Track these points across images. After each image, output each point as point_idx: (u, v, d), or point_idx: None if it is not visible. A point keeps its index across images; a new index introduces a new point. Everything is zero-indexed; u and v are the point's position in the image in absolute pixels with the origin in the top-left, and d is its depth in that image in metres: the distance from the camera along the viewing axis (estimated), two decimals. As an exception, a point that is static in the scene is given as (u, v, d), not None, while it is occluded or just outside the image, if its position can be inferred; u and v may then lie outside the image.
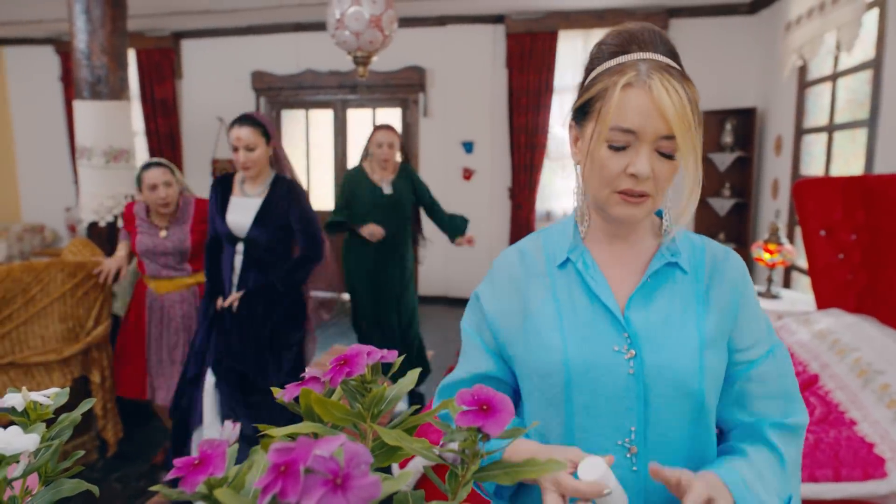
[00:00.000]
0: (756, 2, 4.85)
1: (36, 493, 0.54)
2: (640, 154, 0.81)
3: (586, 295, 0.90)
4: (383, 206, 3.38)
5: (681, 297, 0.89)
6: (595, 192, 0.88)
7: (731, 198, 5.02)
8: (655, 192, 0.84)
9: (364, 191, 3.38)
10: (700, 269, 0.92)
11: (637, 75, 0.80)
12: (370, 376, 0.51)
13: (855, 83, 3.60)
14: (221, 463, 0.41)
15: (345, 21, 2.89)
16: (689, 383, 0.84)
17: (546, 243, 0.97)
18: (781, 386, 0.90)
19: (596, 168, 0.85)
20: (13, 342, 2.73)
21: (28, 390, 0.58)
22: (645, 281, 0.89)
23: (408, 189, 3.47)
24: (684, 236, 0.94)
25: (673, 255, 0.91)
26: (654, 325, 0.87)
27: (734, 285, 0.91)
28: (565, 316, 0.90)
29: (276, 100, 5.91)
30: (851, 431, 1.92)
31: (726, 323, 0.89)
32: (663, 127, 0.79)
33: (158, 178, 2.68)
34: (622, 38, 0.84)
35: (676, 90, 0.79)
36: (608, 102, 0.81)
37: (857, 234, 2.62)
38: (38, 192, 6.55)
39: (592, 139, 0.84)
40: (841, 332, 2.40)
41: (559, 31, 5.31)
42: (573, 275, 0.92)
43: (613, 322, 0.87)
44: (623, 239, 0.93)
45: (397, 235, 3.43)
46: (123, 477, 2.90)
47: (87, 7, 3.06)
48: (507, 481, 0.47)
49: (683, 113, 0.79)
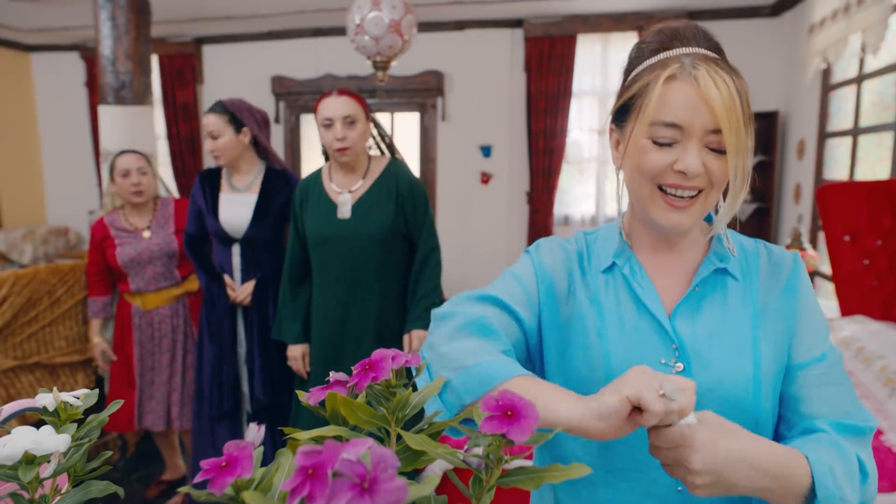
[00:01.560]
0: (778, 4, 4.79)
1: (65, 493, 0.55)
2: (688, 150, 0.76)
3: (633, 302, 0.84)
4: (337, 240, 2.08)
5: (732, 308, 0.82)
6: (637, 194, 0.82)
7: (752, 202, 4.96)
8: (710, 187, 0.78)
9: (315, 207, 2.14)
10: (754, 274, 0.85)
11: (681, 67, 0.76)
12: (395, 381, 0.51)
13: (881, 86, 3.54)
14: (249, 464, 0.41)
15: (364, 26, 2.91)
16: (742, 400, 0.78)
17: (591, 245, 0.91)
18: (840, 387, 0.82)
19: (636, 164, 0.79)
20: (39, 343, 2.79)
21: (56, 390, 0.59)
22: (692, 290, 0.83)
23: (387, 211, 2.07)
24: (735, 240, 0.88)
25: (721, 260, 0.84)
26: (701, 337, 0.81)
27: (790, 286, 0.84)
28: (609, 322, 0.84)
29: (295, 104, 5.96)
30: (878, 441, 1.88)
31: (783, 329, 0.82)
32: (711, 120, 0.74)
33: (132, 164, 2.50)
34: (663, 36, 0.81)
35: (725, 81, 0.74)
36: (649, 96, 0.76)
37: (882, 239, 2.58)
38: (62, 195, 6.67)
39: (632, 135, 0.79)
40: (866, 340, 2.35)
41: (578, 34, 5.29)
42: (619, 280, 0.86)
43: (660, 332, 0.82)
44: (671, 247, 0.87)
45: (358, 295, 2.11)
46: (144, 477, 2.94)
47: (113, 14, 3.12)
48: (532, 486, 0.47)
49: (732, 105, 0.74)
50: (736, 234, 0.89)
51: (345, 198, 2.09)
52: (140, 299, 2.58)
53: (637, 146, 0.78)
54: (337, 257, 2.09)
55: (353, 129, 2.04)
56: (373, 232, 2.05)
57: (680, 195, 0.78)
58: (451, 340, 0.79)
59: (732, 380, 0.78)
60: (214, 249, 2.46)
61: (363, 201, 2.09)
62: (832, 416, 0.79)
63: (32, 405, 0.59)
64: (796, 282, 0.84)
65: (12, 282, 2.62)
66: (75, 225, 6.61)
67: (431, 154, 5.79)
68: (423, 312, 2.10)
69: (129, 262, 2.52)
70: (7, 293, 2.61)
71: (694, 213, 0.79)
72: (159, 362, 2.62)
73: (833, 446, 0.74)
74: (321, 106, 2.07)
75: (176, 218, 2.62)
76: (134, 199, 2.54)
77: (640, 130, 0.78)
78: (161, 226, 2.58)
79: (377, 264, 2.09)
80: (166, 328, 2.61)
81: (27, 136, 6.50)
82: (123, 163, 2.51)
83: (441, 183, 5.82)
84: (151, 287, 2.56)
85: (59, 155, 6.64)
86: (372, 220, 2.06)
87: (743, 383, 0.78)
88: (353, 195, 2.10)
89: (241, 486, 0.41)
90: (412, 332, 2.11)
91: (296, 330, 2.21)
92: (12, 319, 2.66)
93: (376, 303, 2.11)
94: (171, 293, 2.61)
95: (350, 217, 2.06)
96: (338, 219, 2.08)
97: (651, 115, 0.76)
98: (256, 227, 2.31)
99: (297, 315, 2.22)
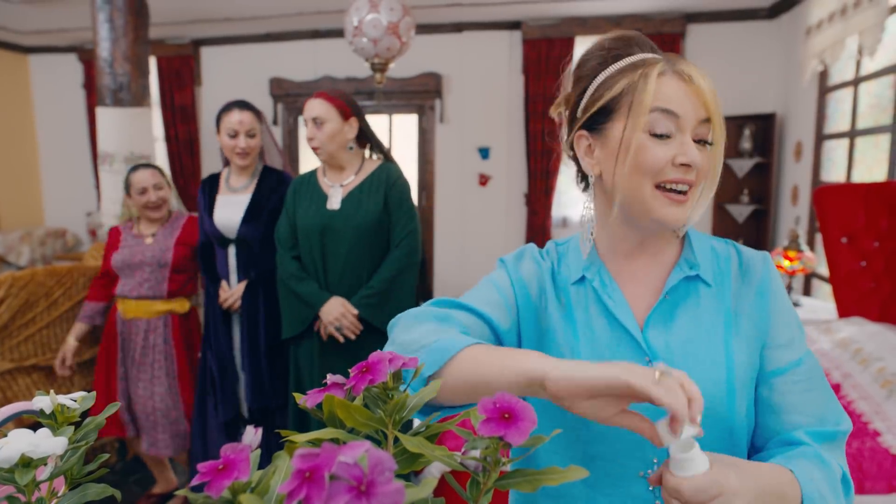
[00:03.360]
0: (776, 6, 4.81)
1: (62, 496, 0.55)
2: (686, 143, 0.77)
3: (604, 315, 0.83)
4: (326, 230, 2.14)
5: (705, 315, 0.81)
6: (635, 195, 0.80)
7: (749, 204, 4.96)
8: (697, 183, 0.79)
9: (307, 198, 2.21)
10: (725, 278, 0.84)
11: (666, 64, 0.78)
12: (392, 383, 0.51)
13: (878, 88, 3.55)
14: (246, 467, 0.41)
15: (363, 28, 2.91)
16: (717, 410, 0.77)
17: (562, 257, 0.91)
18: (818, 392, 0.81)
19: (636, 163, 0.78)
20: (36, 345, 2.78)
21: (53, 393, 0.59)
22: (663, 298, 0.82)
23: (376, 204, 2.13)
24: (706, 243, 0.87)
25: (692, 267, 0.84)
26: (674, 347, 0.80)
27: (761, 290, 0.83)
28: (582, 337, 0.83)
29: (293, 106, 5.96)
30: (875, 443, 1.88)
31: (756, 334, 0.81)
32: (702, 110, 0.77)
33: (148, 181, 2.48)
34: (622, 43, 0.83)
35: (704, 75, 0.78)
36: (643, 90, 0.77)
37: (880, 241, 2.58)
38: (60, 197, 6.66)
39: (626, 131, 0.78)
40: (864, 341, 2.36)
41: (576, 36, 5.30)
42: (590, 292, 0.85)
43: (633, 344, 0.81)
44: (644, 250, 0.86)
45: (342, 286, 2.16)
46: (143, 480, 2.93)
47: (111, 16, 3.12)
48: (529, 489, 0.47)
49: (715, 96, 0.77)
50: (707, 236, 0.88)
51: (336, 190, 2.18)
52: (122, 305, 2.53)
53: (635, 144, 0.78)
54: (326, 246, 2.15)
55: (321, 130, 2.13)
56: (360, 222, 2.12)
57: (680, 189, 0.79)
58: (408, 330, 0.79)
59: (707, 390, 0.76)
60: (217, 253, 2.45)
61: (353, 194, 2.16)
62: (811, 424, 0.79)
63: (29, 408, 0.59)
64: (767, 284, 0.83)
65: (9, 284, 2.62)
66: (73, 227, 6.60)
67: (430, 156, 5.79)
68: (363, 299, 2.11)
69: (121, 264, 2.49)
70: (4, 295, 2.61)
71: (687, 208, 0.80)
72: (133, 374, 2.55)
73: (817, 460, 0.74)
74: (306, 107, 2.20)
75: (183, 230, 2.57)
76: (152, 214, 2.52)
77: (636, 124, 0.77)
78: (165, 236, 2.54)
79: (360, 256, 2.14)
80: (139, 340, 2.52)
81: (25, 137, 6.49)
82: (139, 180, 2.48)
83: (439, 185, 5.82)
84: (134, 293, 2.50)
85: (56, 157, 6.63)
86: (360, 213, 2.12)
87: (717, 393, 0.77)
88: (344, 188, 2.18)
89: (239, 489, 0.41)
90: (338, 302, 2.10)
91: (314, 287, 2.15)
92: (9, 321, 2.65)
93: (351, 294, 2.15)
94: (152, 307, 2.52)
95: (339, 208, 2.14)
96: (327, 209, 2.15)
97: (649, 104, 0.77)
98: (249, 225, 2.31)
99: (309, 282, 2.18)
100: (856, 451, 1.83)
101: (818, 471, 0.73)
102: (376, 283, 2.12)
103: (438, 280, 5.92)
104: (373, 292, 2.12)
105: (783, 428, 0.80)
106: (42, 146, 6.66)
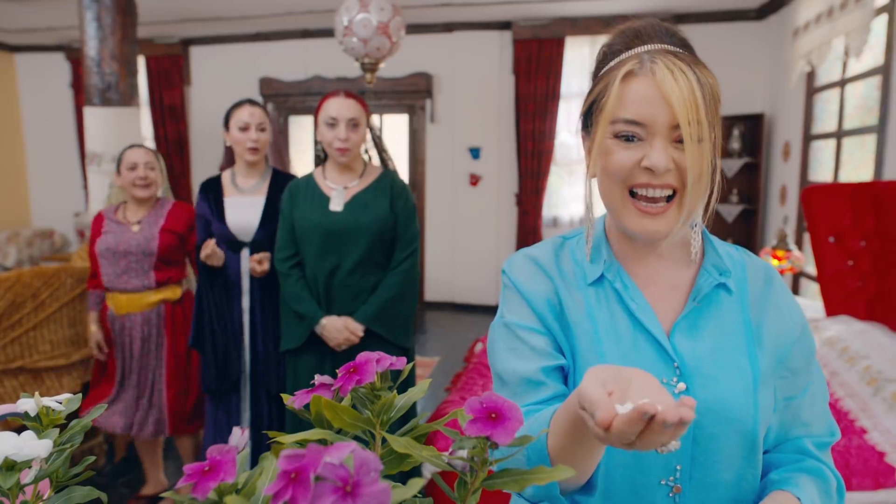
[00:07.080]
0: (764, 7, 4.84)
1: (47, 499, 0.55)
2: (654, 146, 0.73)
3: (627, 318, 0.80)
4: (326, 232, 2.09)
5: (727, 322, 0.80)
6: (609, 201, 0.79)
7: (738, 204, 5.00)
8: (682, 185, 0.74)
9: (306, 200, 2.15)
10: (742, 287, 0.82)
11: (640, 63, 0.74)
12: (380, 384, 0.51)
13: (864, 89, 3.59)
14: (232, 469, 0.41)
15: (353, 28, 2.91)
16: (744, 422, 0.76)
17: (574, 254, 0.87)
18: (823, 403, 0.85)
19: (603, 167, 0.77)
20: (23, 347, 2.75)
21: (38, 395, 0.59)
22: (694, 306, 0.80)
23: (382, 208, 2.11)
24: (723, 249, 0.85)
25: (722, 273, 0.81)
26: (702, 355, 0.78)
27: (789, 315, 0.82)
28: (606, 338, 0.80)
29: (283, 106, 5.94)
30: (862, 440, 1.90)
31: (780, 355, 0.80)
32: (673, 115, 0.72)
33: (139, 158, 2.44)
34: (626, 36, 0.79)
35: (684, 72, 0.71)
36: (608, 95, 0.75)
37: (866, 240, 2.61)
38: (47, 198, 6.61)
39: (596, 139, 0.77)
40: (851, 340, 2.38)
41: (566, 37, 5.32)
42: (610, 293, 0.82)
43: (659, 351, 0.78)
44: (652, 250, 0.83)
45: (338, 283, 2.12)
46: (131, 482, 2.91)
47: (99, 15, 3.09)
48: (516, 488, 0.47)
49: (691, 98, 0.70)
50: (721, 241, 0.86)
51: (339, 192, 2.12)
52: (112, 300, 2.48)
53: (602, 148, 0.77)
54: (327, 246, 2.09)
55: (356, 132, 2.10)
56: (367, 223, 2.07)
57: (652, 196, 0.75)
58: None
59: (734, 399, 0.76)
60: (227, 257, 2.36)
61: (358, 198, 2.11)
62: (817, 434, 0.84)
63: (14, 410, 0.59)
64: (785, 302, 0.84)
65: (-5, 285, 2.59)
66: (60, 227, 6.54)
67: (420, 156, 5.79)
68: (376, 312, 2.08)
69: (104, 252, 2.43)
70: (-10, 297, 2.58)
71: (670, 219, 0.76)
72: (130, 367, 2.53)
73: (820, 479, 0.80)
74: (327, 104, 2.10)
75: (168, 217, 2.52)
76: (139, 192, 2.45)
77: (603, 130, 0.76)
78: (151, 224, 2.48)
79: (363, 256, 2.09)
80: (136, 334, 2.49)
81: (11, 137, 6.42)
82: (131, 156, 2.46)
83: (430, 185, 5.82)
84: (120, 285, 2.44)
85: (44, 157, 6.57)
86: (367, 214, 2.08)
87: (744, 402, 0.76)
88: (347, 192, 2.12)
89: (225, 490, 0.41)
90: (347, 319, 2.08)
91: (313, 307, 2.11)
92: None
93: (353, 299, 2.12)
94: (144, 299, 2.47)
95: (342, 210, 2.09)
96: (329, 210, 2.10)
97: (611, 114, 0.75)
98: (266, 228, 2.28)
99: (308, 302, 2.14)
100: (843, 449, 1.84)
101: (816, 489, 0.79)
102: (380, 301, 2.10)
103: (429, 280, 5.92)
104: (377, 309, 2.10)
105: (793, 435, 0.84)
106: (29, 146, 6.60)
